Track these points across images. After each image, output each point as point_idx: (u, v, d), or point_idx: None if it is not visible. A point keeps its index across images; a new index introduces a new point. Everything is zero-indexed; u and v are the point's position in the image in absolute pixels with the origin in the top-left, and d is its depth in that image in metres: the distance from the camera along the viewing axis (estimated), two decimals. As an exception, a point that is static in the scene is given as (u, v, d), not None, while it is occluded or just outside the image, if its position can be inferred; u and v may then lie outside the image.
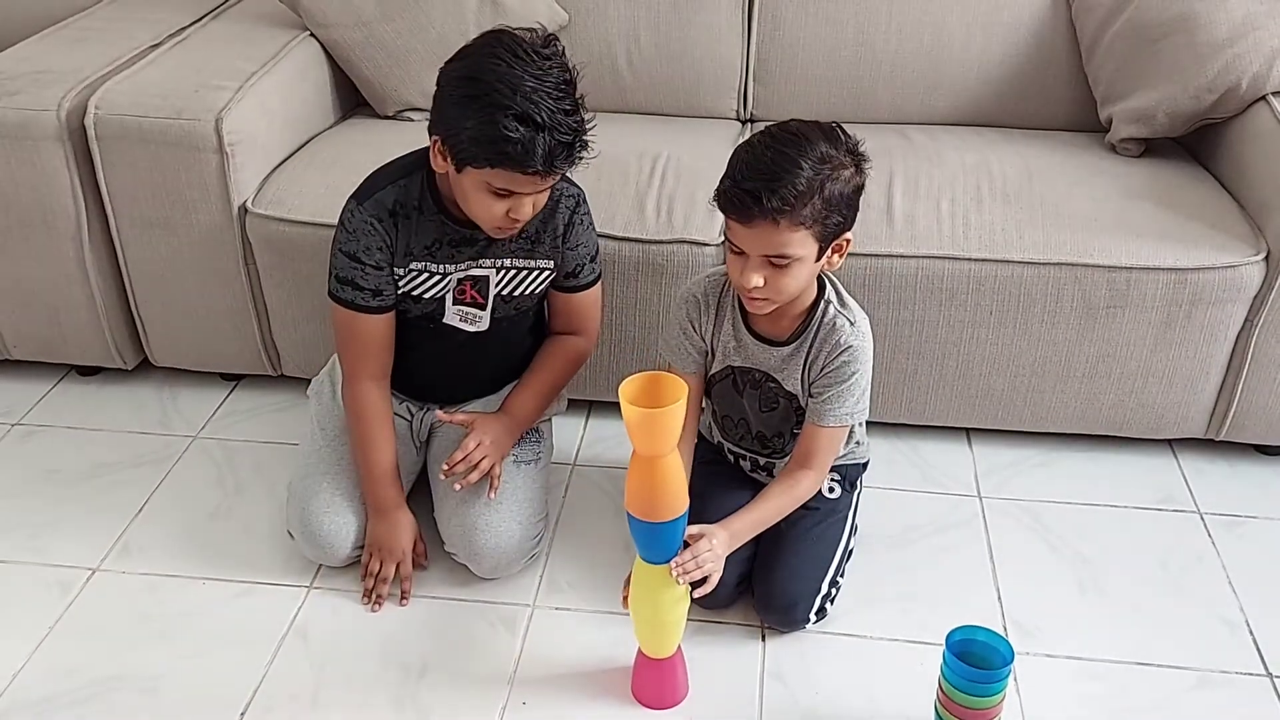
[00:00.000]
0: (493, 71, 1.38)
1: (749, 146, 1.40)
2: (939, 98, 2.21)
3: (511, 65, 1.38)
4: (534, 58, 1.39)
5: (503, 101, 1.36)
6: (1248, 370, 1.84)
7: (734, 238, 1.40)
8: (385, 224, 1.56)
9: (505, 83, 1.37)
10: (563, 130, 1.39)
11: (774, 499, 1.54)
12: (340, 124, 2.21)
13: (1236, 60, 1.89)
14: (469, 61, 1.42)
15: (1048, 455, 1.98)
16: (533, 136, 1.37)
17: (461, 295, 1.63)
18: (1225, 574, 1.73)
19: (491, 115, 1.37)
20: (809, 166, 1.33)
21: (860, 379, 1.51)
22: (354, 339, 1.64)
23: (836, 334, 1.49)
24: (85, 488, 1.91)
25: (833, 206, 1.37)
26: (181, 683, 1.54)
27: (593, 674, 1.55)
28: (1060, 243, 1.79)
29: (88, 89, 1.93)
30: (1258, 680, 1.55)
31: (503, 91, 1.37)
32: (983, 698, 1.36)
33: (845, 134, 1.40)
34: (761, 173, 1.34)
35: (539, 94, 1.37)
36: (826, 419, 1.52)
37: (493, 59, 1.39)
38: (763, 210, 1.33)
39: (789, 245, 1.36)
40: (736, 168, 1.38)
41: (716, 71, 2.24)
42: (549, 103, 1.37)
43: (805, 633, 1.61)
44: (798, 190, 1.32)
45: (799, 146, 1.35)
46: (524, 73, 1.38)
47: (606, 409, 2.06)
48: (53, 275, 2.02)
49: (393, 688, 1.53)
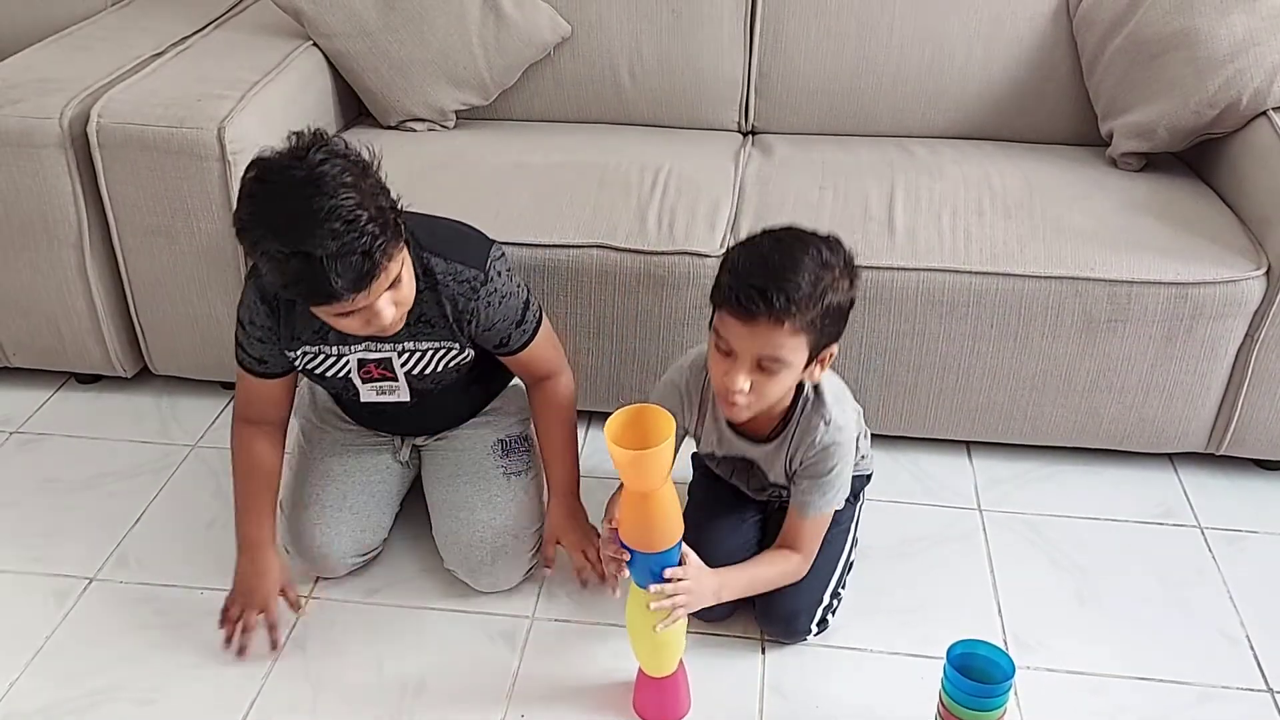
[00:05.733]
0: (252, 215, 1.28)
1: (751, 245, 1.34)
2: (940, 111, 2.21)
3: (270, 200, 1.27)
4: (293, 175, 1.26)
5: (272, 246, 1.26)
6: (1248, 385, 1.84)
7: (728, 336, 1.33)
8: (268, 305, 1.49)
9: (265, 224, 1.27)
10: (350, 249, 1.25)
11: (767, 567, 1.52)
12: (342, 134, 2.21)
13: (1237, 75, 1.90)
14: (239, 208, 1.30)
15: (1048, 469, 1.98)
16: (314, 270, 1.25)
17: (368, 375, 1.57)
18: (1226, 588, 1.72)
19: (272, 262, 1.28)
20: (814, 270, 1.29)
21: (840, 472, 1.48)
22: (242, 387, 1.61)
23: (813, 433, 1.45)
24: (83, 496, 1.90)
25: (830, 316, 1.32)
26: (179, 694, 1.53)
27: (592, 688, 1.54)
28: (1061, 256, 1.79)
29: (90, 97, 1.93)
30: (1259, 696, 1.55)
31: (267, 234, 1.26)
32: (983, 712, 1.35)
33: (842, 244, 1.35)
34: (769, 271, 1.28)
35: (308, 220, 1.24)
36: (807, 511, 1.50)
37: (250, 199, 1.28)
38: (769, 309, 1.27)
39: (784, 349, 1.31)
40: (739, 265, 1.32)
41: (718, 84, 2.25)
42: (325, 226, 1.23)
43: (806, 645, 1.61)
44: (804, 292, 1.27)
45: (804, 249, 1.31)
46: (282, 205, 1.25)
47: (602, 420, 2.05)
48: (53, 283, 2.02)
49: (391, 701, 1.53)
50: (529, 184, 1.97)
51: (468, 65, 2.17)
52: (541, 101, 2.29)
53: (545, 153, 2.09)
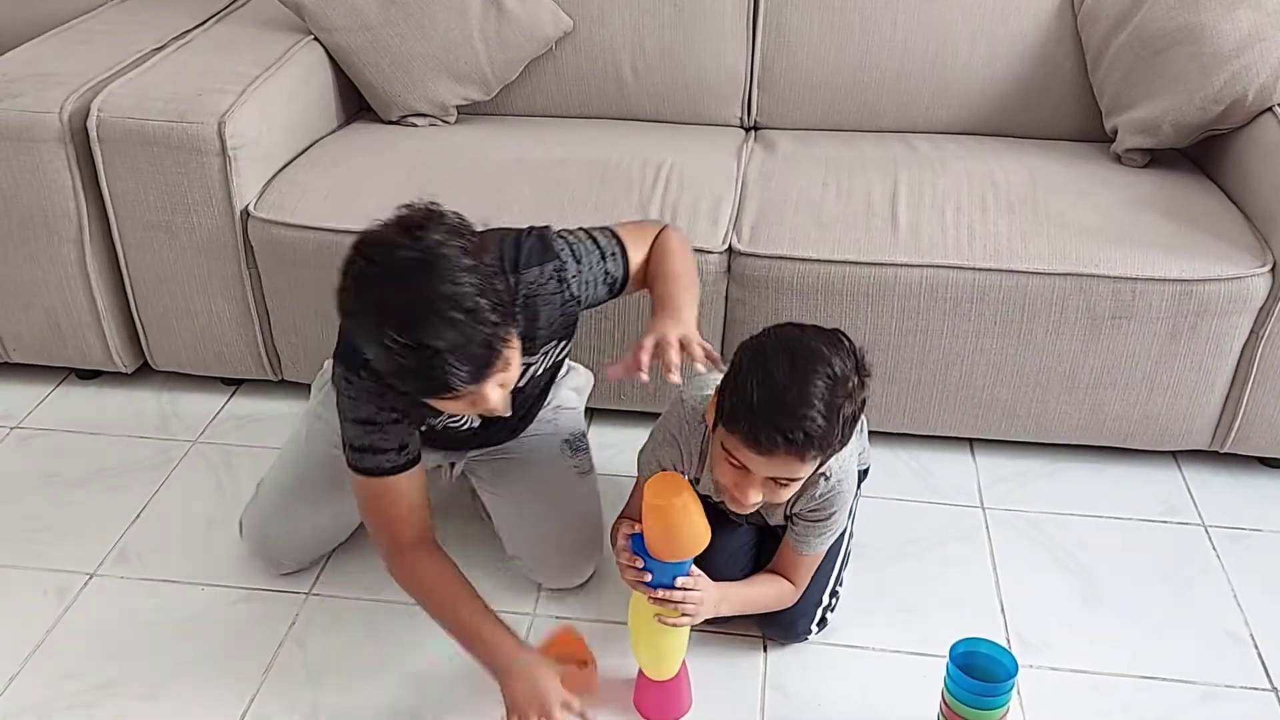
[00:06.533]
0: (362, 301, 1.18)
1: (762, 369, 1.25)
2: (944, 106, 2.20)
3: (381, 285, 1.16)
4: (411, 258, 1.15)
5: (388, 336, 1.14)
6: (1253, 382, 1.83)
7: (741, 458, 1.28)
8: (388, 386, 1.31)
9: (377, 311, 1.16)
10: (470, 341, 1.15)
11: (763, 589, 1.53)
12: (343, 129, 2.21)
13: (1243, 71, 1.89)
14: (346, 290, 1.19)
15: (1051, 466, 1.97)
16: (432, 363, 1.15)
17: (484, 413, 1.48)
18: (1230, 587, 1.72)
19: (386, 352, 1.16)
20: (830, 395, 1.23)
21: (838, 517, 1.47)
22: (388, 511, 1.44)
23: (813, 488, 1.44)
24: (84, 492, 1.90)
25: (845, 427, 1.27)
26: (180, 689, 1.53)
27: (593, 684, 1.54)
28: (1065, 253, 1.78)
29: (90, 92, 1.92)
30: (1263, 695, 1.54)
31: (381, 323, 1.15)
32: (986, 710, 1.35)
33: (850, 341, 1.30)
34: (787, 407, 1.22)
35: (426, 309, 1.14)
36: (804, 549, 1.50)
37: (357, 282, 1.18)
38: (791, 447, 1.23)
39: (801, 470, 1.28)
40: (753, 398, 1.24)
41: (721, 79, 2.24)
42: (445, 316, 1.13)
43: (808, 644, 1.60)
44: (823, 425, 1.23)
45: (818, 369, 1.24)
46: (396, 292, 1.14)
47: (607, 416, 2.05)
48: (53, 278, 2.01)
49: (392, 697, 1.52)
50: (530, 179, 1.96)
51: (469, 60, 2.16)
52: (543, 96, 2.28)
53: (547, 148, 2.08)
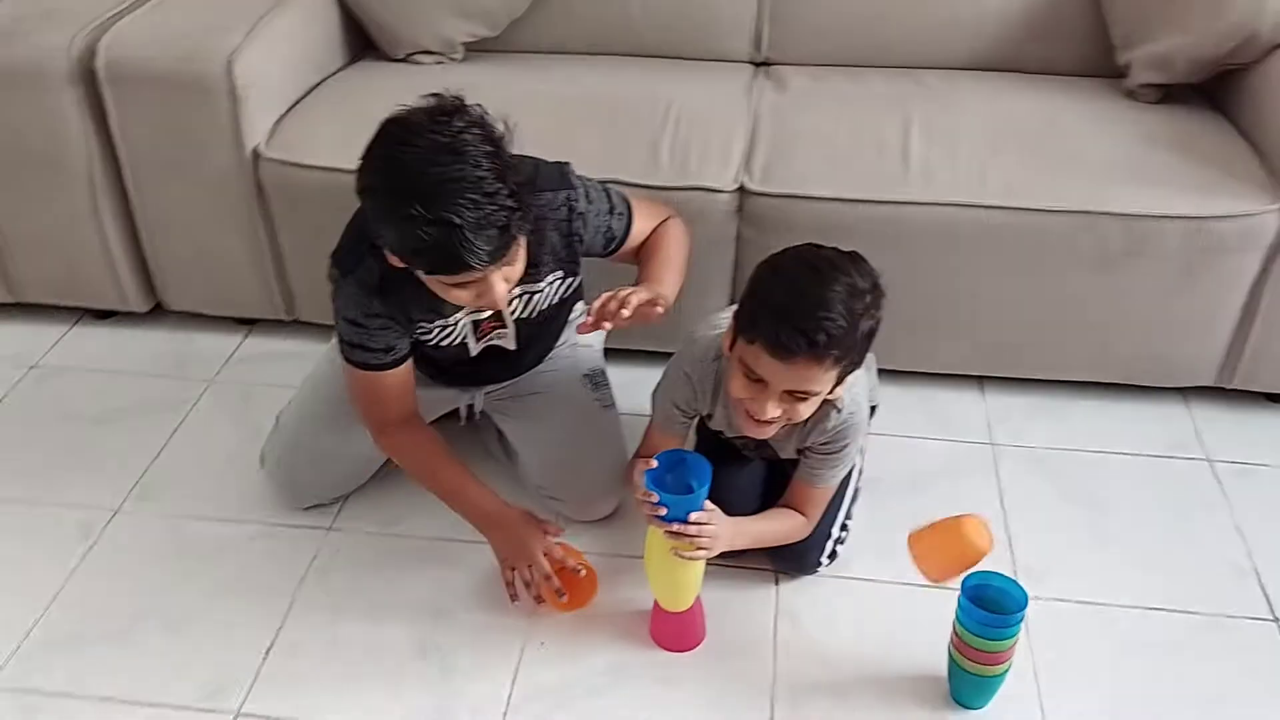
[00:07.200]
0: (390, 177, 1.24)
1: (782, 275, 1.30)
2: (956, 41, 2.17)
3: (411, 163, 1.22)
4: (439, 141, 1.22)
5: (412, 210, 1.21)
6: (1261, 318, 1.84)
7: (759, 369, 1.30)
8: (375, 299, 1.45)
9: (406, 187, 1.22)
10: (488, 221, 1.23)
11: (775, 523, 1.55)
12: (350, 67, 2.19)
13: (1257, 6, 1.86)
14: (370, 168, 1.27)
15: (1060, 403, 1.99)
16: (456, 238, 1.22)
17: (482, 333, 1.57)
18: (1234, 520, 1.74)
19: (407, 226, 1.22)
20: (850, 301, 1.26)
21: (850, 450, 1.49)
22: (374, 398, 1.56)
23: (826, 420, 1.45)
24: (103, 431, 1.92)
25: (863, 342, 1.30)
26: (208, 621, 1.57)
27: (610, 616, 1.57)
28: (1077, 190, 1.77)
29: (98, 29, 1.91)
30: (1265, 625, 1.57)
31: (407, 197, 1.21)
32: (997, 641, 1.38)
33: (866, 262, 1.32)
34: (807, 308, 1.25)
35: (450, 187, 1.21)
36: (816, 481, 1.52)
37: (387, 161, 1.25)
38: (813, 349, 1.25)
39: (819, 382, 1.30)
40: (774, 299, 1.28)
41: (730, 12, 2.20)
42: (466, 196, 1.21)
43: (819, 577, 1.63)
44: (844, 327, 1.25)
45: (836, 277, 1.27)
46: (425, 169, 1.21)
47: (620, 355, 2.06)
48: (65, 218, 2.01)
49: (413, 628, 1.56)
50: (538, 117, 1.90)
51: (477, -5, 2.14)
52: (550, 32, 2.25)
53: (555, 85, 2.07)
